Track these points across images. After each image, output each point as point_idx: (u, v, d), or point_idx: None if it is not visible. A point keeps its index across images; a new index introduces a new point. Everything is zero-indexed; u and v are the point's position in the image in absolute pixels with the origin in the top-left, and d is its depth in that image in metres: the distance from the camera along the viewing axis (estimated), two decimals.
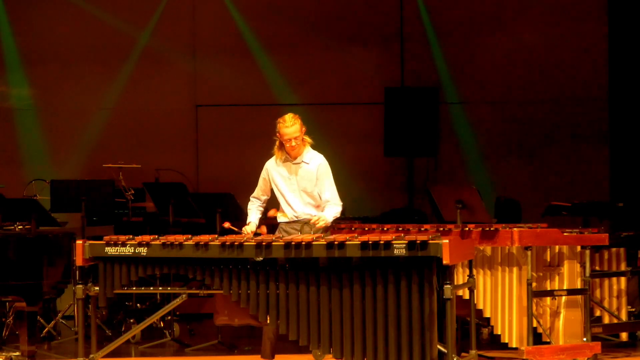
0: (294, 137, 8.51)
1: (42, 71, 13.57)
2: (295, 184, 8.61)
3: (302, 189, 8.61)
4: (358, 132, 13.62)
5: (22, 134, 13.63)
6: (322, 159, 8.66)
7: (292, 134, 8.51)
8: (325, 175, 8.60)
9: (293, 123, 8.51)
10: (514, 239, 8.66)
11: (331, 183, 8.61)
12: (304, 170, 8.61)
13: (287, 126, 8.50)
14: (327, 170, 8.62)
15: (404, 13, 13.86)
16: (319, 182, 8.59)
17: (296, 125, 8.52)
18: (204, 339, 10.49)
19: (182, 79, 13.81)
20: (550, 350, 8.75)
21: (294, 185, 8.62)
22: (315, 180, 8.58)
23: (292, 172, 8.63)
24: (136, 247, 7.73)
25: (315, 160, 8.63)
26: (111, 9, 13.60)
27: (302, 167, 8.62)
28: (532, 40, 13.62)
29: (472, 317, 8.16)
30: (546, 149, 13.65)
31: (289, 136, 8.51)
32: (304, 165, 8.62)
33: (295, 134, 8.52)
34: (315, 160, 8.63)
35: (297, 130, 8.52)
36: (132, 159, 11.91)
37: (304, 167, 8.62)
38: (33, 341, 8.86)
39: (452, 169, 13.72)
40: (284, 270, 7.52)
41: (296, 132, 8.52)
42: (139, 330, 9.98)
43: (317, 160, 8.63)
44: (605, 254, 9.62)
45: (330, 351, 7.44)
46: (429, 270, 7.22)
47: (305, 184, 8.60)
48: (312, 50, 13.79)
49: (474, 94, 13.79)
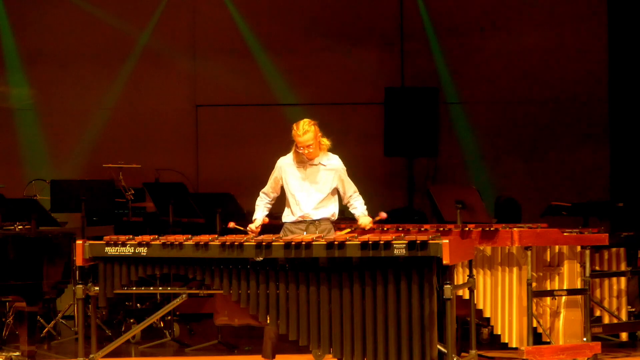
0: (306, 145, 8.48)
1: (42, 71, 13.57)
2: (309, 185, 8.59)
3: (316, 190, 8.59)
4: (358, 132, 13.62)
5: (22, 134, 13.63)
6: (339, 161, 8.67)
7: (305, 142, 8.48)
8: (344, 175, 8.66)
9: (305, 131, 8.46)
10: (514, 239, 8.66)
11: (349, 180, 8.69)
12: (322, 172, 8.60)
13: (299, 134, 8.48)
14: (344, 171, 8.67)
15: (404, 13, 13.86)
16: (342, 182, 8.63)
17: (309, 133, 8.47)
18: (204, 339, 10.49)
19: (182, 79, 13.81)
20: (550, 350, 8.75)
21: (307, 185, 8.59)
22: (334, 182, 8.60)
23: (309, 174, 8.60)
24: (136, 247, 7.73)
25: (333, 162, 8.63)
26: (111, 9, 13.60)
27: (319, 169, 8.60)
28: (532, 40, 13.62)
29: (472, 317, 8.15)
30: (546, 149, 13.65)
31: (302, 144, 8.49)
32: (321, 168, 8.60)
33: (309, 142, 8.48)
34: (332, 163, 8.62)
35: (311, 138, 8.48)
36: (132, 159, 11.91)
37: (321, 169, 8.60)
38: (33, 341, 8.85)
39: (452, 169, 13.72)
40: (284, 270, 7.51)
41: (309, 141, 8.48)
42: (139, 330, 9.98)
43: (334, 162, 8.63)
44: (605, 254, 9.63)
45: (330, 351, 7.44)
46: (429, 270, 7.22)
47: (321, 186, 8.59)
48: (312, 50, 13.79)
49: (474, 94, 13.79)
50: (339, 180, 8.62)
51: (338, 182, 8.62)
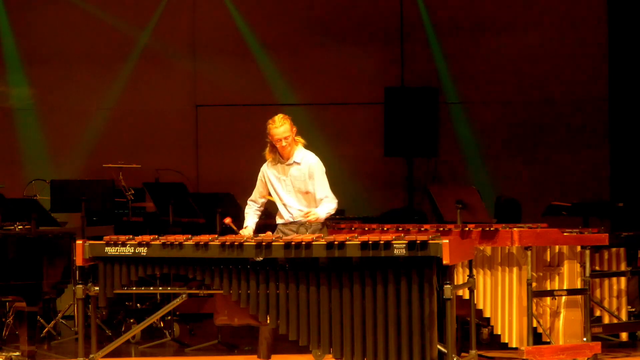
0: (283, 137, 8.54)
1: (42, 71, 13.57)
2: (290, 185, 8.63)
3: (297, 190, 8.62)
4: (358, 132, 13.62)
5: (22, 134, 13.63)
6: (313, 157, 8.67)
7: (281, 134, 8.54)
8: (316, 173, 8.62)
9: (282, 123, 8.55)
10: (514, 239, 8.66)
11: (323, 180, 8.63)
12: (297, 171, 8.63)
13: (276, 126, 8.55)
14: (318, 168, 8.63)
15: (404, 13, 13.86)
16: (311, 180, 8.61)
17: (285, 125, 8.55)
18: (204, 339, 10.50)
19: (182, 79, 13.81)
20: (550, 350, 8.75)
21: (288, 186, 8.64)
22: (308, 179, 8.59)
23: (285, 174, 8.65)
24: (136, 247, 7.73)
25: (307, 159, 8.64)
26: (111, 9, 13.60)
27: (294, 167, 8.64)
28: (533, 40, 13.62)
29: (472, 317, 8.15)
30: (546, 149, 13.65)
31: (279, 136, 8.54)
32: (295, 166, 8.64)
33: (285, 134, 8.54)
34: (306, 160, 8.64)
35: (287, 130, 8.55)
36: (132, 159, 11.91)
37: (295, 168, 8.63)
38: (33, 341, 8.86)
39: (452, 169, 13.71)
40: (284, 270, 7.51)
41: (286, 132, 8.55)
42: (139, 330, 9.98)
43: (308, 159, 8.64)
44: (605, 254, 9.62)
45: (330, 351, 7.44)
46: (429, 270, 7.21)
47: (299, 185, 8.62)
48: (312, 50, 13.79)
49: (474, 94, 13.79)
50: (310, 176, 8.60)
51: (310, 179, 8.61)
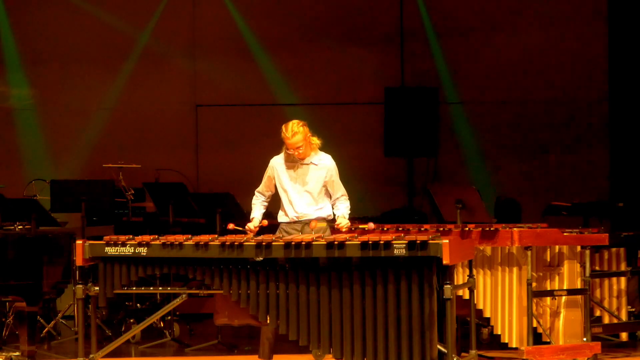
0: (296, 147, 8.47)
1: (42, 71, 13.57)
2: (301, 184, 8.59)
3: (306, 190, 8.59)
4: (358, 132, 13.62)
5: (22, 134, 13.63)
6: (331, 160, 8.64)
7: (294, 144, 8.46)
8: (335, 175, 8.62)
9: (294, 133, 8.43)
10: (514, 239, 8.66)
11: (339, 180, 8.64)
12: (313, 172, 8.59)
13: (288, 137, 8.45)
14: (335, 171, 8.63)
15: (404, 13, 13.86)
16: (329, 182, 8.60)
17: (298, 135, 8.44)
18: (204, 339, 10.49)
19: (182, 79, 13.81)
20: (550, 350, 8.75)
21: (299, 186, 8.59)
22: (325, 181, 8.58)
23: (300, 173, 8.60)
24: (136, 247, 7.73)
25: (324, 161, 8.60)
26: (111, 9, 13.59)
27: (310, 168, 8.60)
28: (532, 40, 13.62)
29: (472, 317, 8.15)
30: (546, 149, 13.64)
31: (292, 147, 8.48)
32: (312, 167, 8.59)
33: (298, 144, 8.45)
34: (323, 163, 8.59)
35: (300, 140, 8.45)
36: (132, 159, 11.90)
37: (312, 169, 8.60)
38: (33, 341, 8.85)
39: (452, 169, 13.71)
40: (284, 270, 7.51)
41: (299, 142, 8.45)
42: (139, 330, 9.98)
43: (325, 161, 8.61)
44: (605, 254, 9.62)
45: (330, 351, 7.44)
46: (429, 270, 7.22)
47: (312, 186, 8.59)
48: (312, 50, 13.79)
49: (474, 94, 13.79)
50: (328, 179, 8.60)
51: (328, 181, 8.60)
